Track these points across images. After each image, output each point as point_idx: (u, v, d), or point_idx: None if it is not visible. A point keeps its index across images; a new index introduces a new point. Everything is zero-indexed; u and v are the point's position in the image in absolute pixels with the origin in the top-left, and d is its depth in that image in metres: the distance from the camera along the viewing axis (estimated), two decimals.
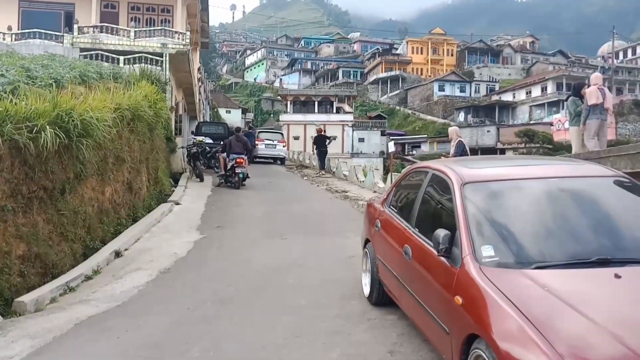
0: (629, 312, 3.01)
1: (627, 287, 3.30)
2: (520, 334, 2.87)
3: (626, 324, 2.87)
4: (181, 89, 26.08)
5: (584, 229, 3.82)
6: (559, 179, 4.32)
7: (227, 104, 68.47)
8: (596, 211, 4.02)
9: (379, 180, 17.31)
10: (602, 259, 3.46)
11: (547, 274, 3.32)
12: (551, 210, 3.97)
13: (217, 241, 9.64)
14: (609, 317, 2.90)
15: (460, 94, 72.69)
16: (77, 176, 8.08)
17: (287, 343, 4.88)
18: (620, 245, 3.73)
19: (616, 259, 3.50)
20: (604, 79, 52.23)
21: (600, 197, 4.19)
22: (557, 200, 4.06)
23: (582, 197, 4.13)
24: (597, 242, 3.70)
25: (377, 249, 5.63)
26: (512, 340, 2.90)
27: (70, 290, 6.95)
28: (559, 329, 2.83)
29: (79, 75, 11.87)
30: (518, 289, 3.20)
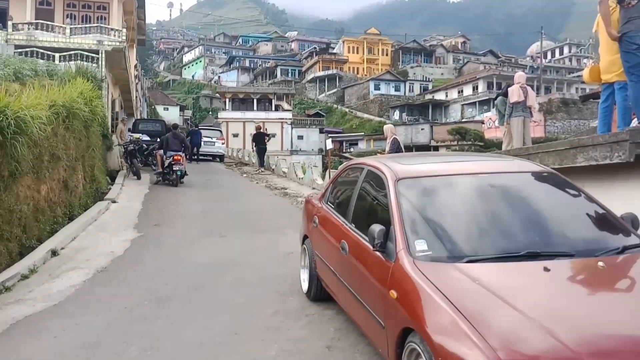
0: (559, 305, 3.05)
1: (556, 280, 3.35)
2: (454, 328, 2.89)
3: (557, 316, 2.90)
4: (118, 86, 25.50)
5: (514, 223, 3.89)
6: (489, 174, 4.40)
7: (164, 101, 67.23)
8: (525, 206, 4.11)
9: (318, 177, 17.53)
10: (532, 253, 3.51)
11: (479, 268, 3.37)
12: (482, 205, 4.05)
13: (154, 239, 9.54)
14: (540, 310, 2.93)
15: (395, 93, 74.16)
16: (12, 174, 7.81)
17: (225, 341, 4.90)
18: (549, 239, 3.80)
19: (545, 252, 3.56)
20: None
21: (530, 193, 4.30)
22: (488, 196, 4.14)
23: (512, 192, 4.22)
24: (526, 236, 3.76)
25: (315, 245, 5.68)
26: (445, 334, 2.92)
27: (6, 289, 6.73)
28: (491, 322, 2.85)
29: (13, 73, 11.51)
30: (451, 282, 3.24)
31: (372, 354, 4.37)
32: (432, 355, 2.94)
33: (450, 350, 2.84)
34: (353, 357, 4.39)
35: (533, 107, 10.65)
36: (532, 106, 10.59)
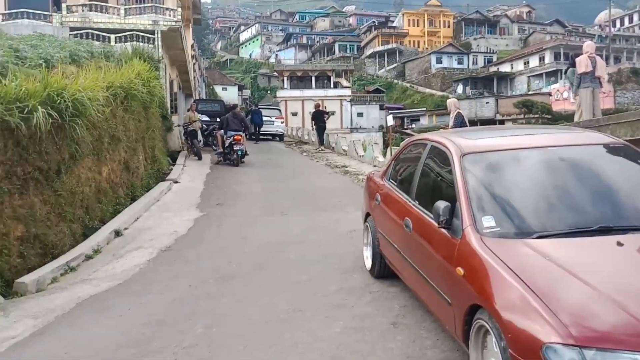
0: (631, 280, 2.99)
1: (629, 255, 3.29)
2: (523, 304, 2.85)
3: (629, 291, 2.84)
4: (175, 67, 25.83)
5: (585, 197, 3.78)
6: (558, 147, 4.26)
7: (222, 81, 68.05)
8: (597, 179, 3.98)
9: (379, 154, 17.26)
10: (604, 227, 3.42)
11: (549, 244, 3.29)
12: (551, 180, 3.93)
13: (217, 219, 9.63)
14: (612, 285, 2.87)
15: (458, 66, 72.10)
16: (72, 156, 8.02)
17: (289, 318, 4.88)
18: (622, 213, 3.69)
19: (617, 226, 3.46)
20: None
21: (601, 165, 4.16)
22: (557, 169, 4.01)
23: (583, 165, 4.08)
24: (598, 210, 3.67)
25: (377, 223, 5.60)
26: (515, 310, 2.88)
27: (71, 270, 6.96)
28: (562, 298, 2.80)
29: (69, 55, 11.74)
30: (520, 258, 3.17)
31: (439, 330, 4.28)
32: (502, 332, 2.90)
33: (520, 327, 2.79)
34: (419, 334, 4.30)
35: (602, 77, 10.26)
36: (601, 76, 10.22)
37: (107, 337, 4.75)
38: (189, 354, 4.25)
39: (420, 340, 4.18)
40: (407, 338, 4.24)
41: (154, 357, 4.24)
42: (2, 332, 5.01)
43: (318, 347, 4.22)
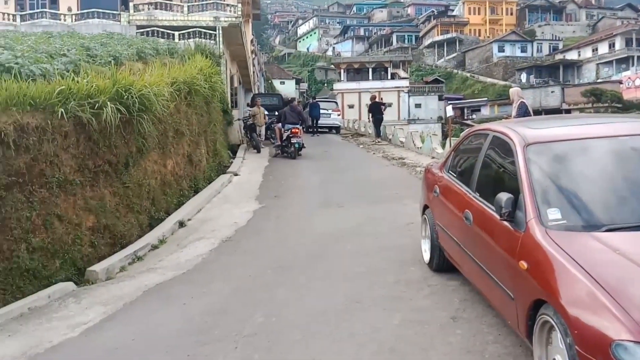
0: None
1: None
2: (591, 300, 2.75)
3: None
4: (235, 62, 26.27)
5: None
6: (629, 137, 4.03)
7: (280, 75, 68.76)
8: None
9: (437, 145, 16.97)
10: None
11: (619, 237, 3.17)
12: (621, 170, 3.75)
13: (275, 210, 9.77)
14: None
15: (521, 54, 70.01)
16: (139, 150, 8.33)
17: (347, 309, 4.90)
18: None
19: None
20: None
21: None
22: (627, 160, 3.82)
23: None
24: None
25: (436, 215, 5.52)
26: (582, 306, 2.79)
27: (139, 259, 7.23)
28: (633, 295, 2.68)
29: (136, 52, 12.14)
30: (587, 252, 3.07)
31: (500, 325, 4.19)
32: (568, 328, 2.83)
33: (588, 323, 2.71)
34: (479, 329, 4.23)
35: None
36: None
37: (171, 325, 4.93)
38: (249, 342, 4.34)
39: (481, 335, 4.11)
40: (467, 332, 4.18)
41: (215, 345, 4.36)
42: (75, 318, 5.28)
43: (376, 338, 4.22)
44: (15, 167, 6.03)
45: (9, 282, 5.84)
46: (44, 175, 6.42)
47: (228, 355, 4.16)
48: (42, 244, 6.24)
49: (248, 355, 4.13)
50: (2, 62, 7.23)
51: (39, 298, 5.78)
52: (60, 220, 6.57)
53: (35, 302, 5.69)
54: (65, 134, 6.79)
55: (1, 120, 5.96)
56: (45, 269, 6.21)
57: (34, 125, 6.34)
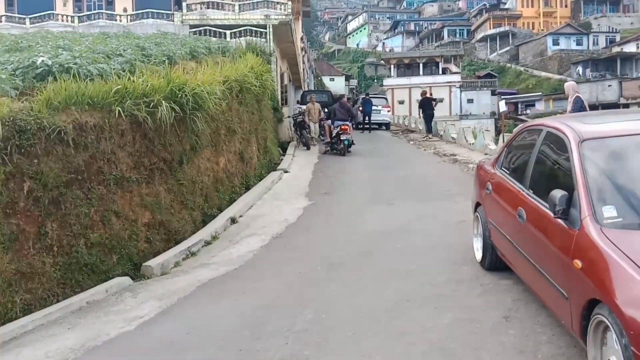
0: None
1: None
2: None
3: None
4: (285, 60, 26.47)
5: None
6: None
7: (330, 71, 68.75)
8: None
9: (490, 142, 16.62)
10: None
11: None
12: None
13: (325, 207, 9.81)
14: None
15: (576, 48, 67.62)
16: (193, 148, 8.52)
17: (397, 307, 4.89)
18: None
19: None
20: None
21: None
22: None
23: None
24: None
25: (488, 213, 5.44)
26: (638, 306, 2.73)
27: (192, 254, 7.40)
28: None
29: (189, 51, 12.39)
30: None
31: (554, 325, 4.11)
32: (623, 328, 2.78)
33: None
34: (533, 329, 4.17)
35: None
36: None
37: (224, 319, 5.04)
38: (300, 338, 4.39)
39: (534, 335, 4.04)
40: (520, 332, 4.12)
41: (266, 340, 4.43)
42: (132, 312, 5.45)
43: (427, 337, 4.20)
44: (74, 165, 6.26)
45: (68, 276, 6.05)
46: (102, 173, 6.65)
47: (279, 350, 4.21)
48: (100, 240, 6.46)
49: (299, 351, 4.18)
50: (61, 62, 7.50)
51: (97, 292, 5.99)
52: (118, 217, 6.79)
53: (94, 296, 5.90)
54: (121, 132, 7.01)
55: (61, 119, 6.19)
56: (102, 263, 6.43)
57: (92, 124, 6.57)
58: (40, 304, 5.68)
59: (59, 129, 6.06)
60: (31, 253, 5.73)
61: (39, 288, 5.73)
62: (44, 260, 5.82)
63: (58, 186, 6.03)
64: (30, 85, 7.02)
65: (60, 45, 9.46)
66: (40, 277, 5.77)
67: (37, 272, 5.73)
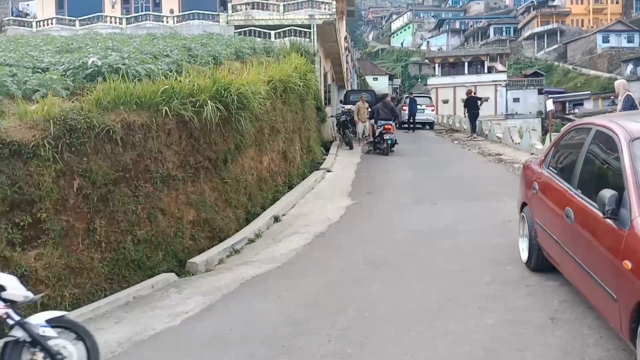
0: None
1: None
2: None
3: None
4: (329, 59, 26.52)
5: None
6: None
7: (373, 71, 68.45)
8: None
9: (537, 141, 16.24)
10: None
11: None
12: None
13: (367, 206, 9.79)
14: None
15: (628, 45, 65.34)
16: (237, 147, 8.63)
17: (440, 306, 4.86)
18: None
19: None
20: None
21: None
22: None
23: None
24: None
25: (535, 213, 5.35)
26: None
27: (236, 252, 7.51)
28: None
29: (234, 52, 12.57)
30: None
31: (602, 328, 4.03)
32: None
33: None
34: (580, 331, 4.09)
35: None
36: None
37: (267, 316, 5.09)
38: (342, 336, 4.41)
39: (581, 337, 3.96)
40: (566, 334, 4.04)
41: (308, 337, 4.47)
42: (177, 307, 5.57)
43: (470, 338, 4.16)
44: (122, 163, 6.44)
45: (116, 272, 6.24)
46: (149, 171, 6.82)
47: (322, 347, 4.24)
48: (147, 237, 6.63)
49: (341, 349, 4.20)
50: (110, 63, 7.73)
51: (143, 287, 6.14)
52: (164, 214, 6.95)
53: (140, 291, 6.06)
54: (168, 131, 7.17)
55: (110, 119, 6.38)
56: (149, 260, 6.60)
57: (139, 123, 6.74)
58: (89, 299, 5.87)
59: (107, 128, 6.24)
60: (80, 249, 5.92)
61: (87, 283, 5.93)
62: (92, 255, 6.02)
63: (106, 184, 6.21)
64: (81, 85, 7.28)
65: (109, 47, 9.73)
66: (89, 272, 5.97)
67: (85, 267, 5.93)
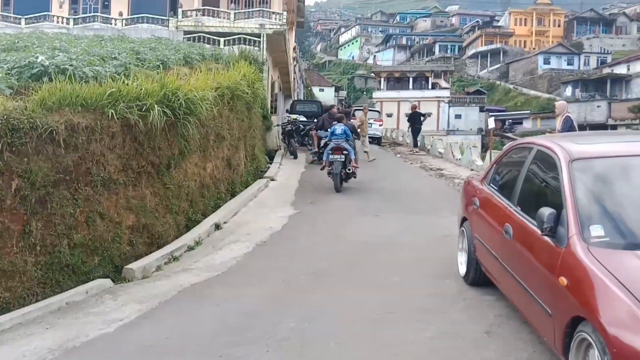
0: None
1: None
2: (632, 320, 2.74)
3: None
4: (277, 68, 26.52)
5: None
6: None
7: (320, 82, 69.04)
8: None
9: (477, 158, 16.74)
10: None
11: None
12: None
13: (310, 216, 9.79)
14: None
15: (567, 67, 68.52)
16: (181, 152, 8.49)
17: (380, 319, 4.88)
18: None
19: None
20: None
21: None
22: None
23: None
24: None
25: (474, 228, 5.47)
26: (622, 326, 2.77)
27: (175, 259, 7.34)
28: None
29: (183, 57, 12.43)
30: (630, 271, 3.04)
31: (536, 342, 4.13)
32: (606, 346, 2.84)
33: (627, 342, 2.71)
34: (514, 345, 4.18)
35: None
36: None
37: (205, 325, 4.98)
38: (281, 346, 4.36)
39: (515, 352, 4.05)
40: (501, 348, 4.13)
41: (247, 347, 4.39)
42: (111, 314, 5.38)
43: (409, 350, 4.19)
44: (63, 165, 6.22)
45: (50, 276, 5.99)
46: (90, 174, 6.60)
47: (260, 358, 4.18)
48: (83, 241, 6.40)
49: (280, 359, 4.14)
50: (57, 63, 7.53)
51: (77, 293, 5.91)
52: (102, 218, 6.73)
53: (73, 296, 5.82)
54: (112, 134, 6.98)
55: (54, 119, 6.16)
56: (84, 265, 6.36)
57: (84, 125, 6.54)
58: (19, 303, 5.61)
59: (50, 128, 6.03)
60: (14, 251, 5.66)
61: (18, 286, 5.67)
62: (26, 258, 5.76)
63: (45, 185, 5.99)
64: (26, 84, 7.07)
65: (56, 47, 9.48)
66: (21, 275, 5.71)
67: (18, 270, 5.67)
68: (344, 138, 12.37)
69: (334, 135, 12.51)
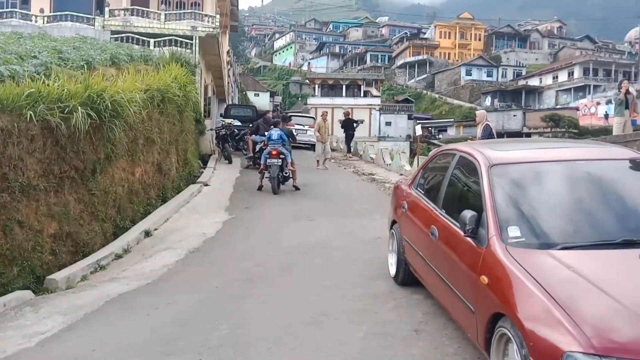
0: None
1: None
2: (546, 314, 2.89)
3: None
4: (210, 72, 26.19)
5: (609, 210, 3.83)
6: (584, 161, 4.31)
7: (255, 87, 68.62)
8: (621, 193, 4.02)
9: (406, 163, 17.21)
10: (628, 241, 3.46)
11: (573, 255, 3.34)
12: (577, 192, 3.98)
13: (245, 222, 9.73)
14: (635, 298, 2.90)
15: (487, 79, 72.12)
16: (108, 157, 8.22)
17: (314, 321, 4.92)
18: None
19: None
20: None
21: (627, 180, 4.21)
22: (582, 182, 4.07)
23: (608, 179, 4.13)
24: (622, 223, 3.72)
25: (403, 230, 5.63)
26: (537, 320, 2.93)
27: (101, 268, 7.11)
28: (585, 310, 2.84)
29: (109, 58, 12.07)
30: (544, 269, 3.21)
31: (461, 338, 4.30)
32: (523, 340, 2.95)
33: (542, 336, 2.85)
34: (441, 342, 4.33)
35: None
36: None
37: (135, 335, 4.85)
38: (214, 354, 4.31)
39: (442, 348, 4.20)
40: (429, 345, 4.26)
41: (179, 356, 4.31)
42: (32, 328, 5.12)
43: (341, 351, 4.25)
44: None
45: None
46: (7, 179, 6.26)
47: None
48: (0, 251, 6.05)
49: None
50: None
51: None
52: (21, 226, 6.40)
53: None
54: (31, 137, 6.66)
55: None
56: (1, 276, 6.02)
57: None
58: None
59: None
60: None
61: None
62: None
63: None
64: None
65: None
66: None
67: None
68: (280, 142, 12.68)
69: (271, 140, 12.80)
